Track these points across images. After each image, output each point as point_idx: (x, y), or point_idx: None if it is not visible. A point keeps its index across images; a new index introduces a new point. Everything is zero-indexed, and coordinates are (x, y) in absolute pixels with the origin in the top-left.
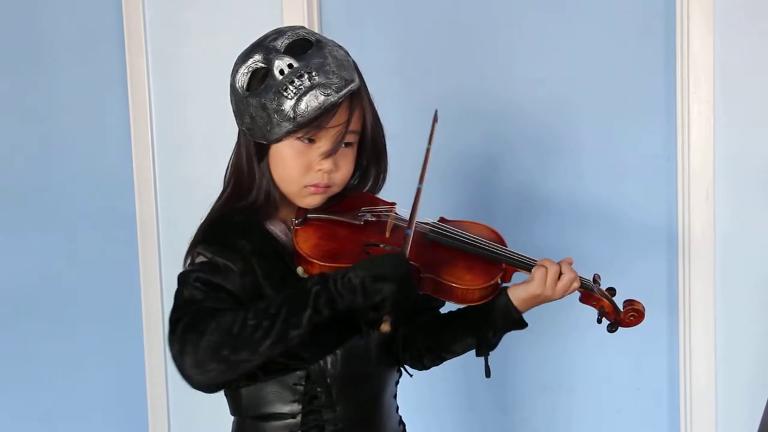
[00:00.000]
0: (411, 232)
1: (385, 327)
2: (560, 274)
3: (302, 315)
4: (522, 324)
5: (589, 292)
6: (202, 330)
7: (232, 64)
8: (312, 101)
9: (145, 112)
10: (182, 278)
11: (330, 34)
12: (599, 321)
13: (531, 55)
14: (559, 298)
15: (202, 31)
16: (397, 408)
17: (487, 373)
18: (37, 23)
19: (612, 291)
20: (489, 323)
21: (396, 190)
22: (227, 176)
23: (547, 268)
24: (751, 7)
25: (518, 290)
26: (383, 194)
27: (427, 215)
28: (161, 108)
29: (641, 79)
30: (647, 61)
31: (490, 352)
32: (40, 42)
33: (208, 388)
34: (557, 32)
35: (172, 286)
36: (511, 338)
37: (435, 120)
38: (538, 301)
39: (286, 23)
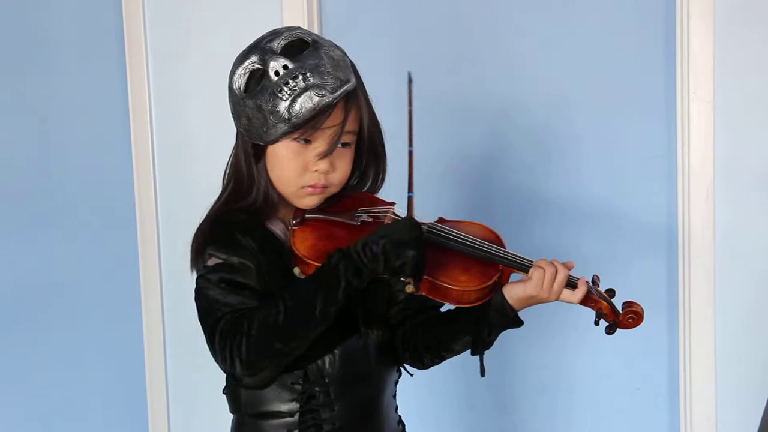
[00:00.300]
0: (413, 195)
1: (410, 288)
2: (557, 275)
3: (338, 290)
4: (518, 323)
5: (588, 294)
6: (245, 331)
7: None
8: (306, 102)
9: (145, 112)
10: (203, 281)
11: (329, 34)
12: (597, 323)
13: (531, 54)
14: (555, 300)
15: (202, 31)
16: (397, 408)
17: (482, 373)
18: (37, 23)
19: (611, 292)
20: (484, 322)
21: (396, 191)
22: (226, 177)
23: (544, 270)
24: (751, 8)
25: (514, 289)
26: (384, 194)
27: (425, 215)
28: (161, 108)
29: (641, 79)
30: (647, 61)
31: (486, 351)
32: (40, 42)
33: (265, 383)
34: (557, 32)
35: (172, 286)
36: (510, 338)
37: (410, 81)
38: (534, 301)
39: (286, 23)
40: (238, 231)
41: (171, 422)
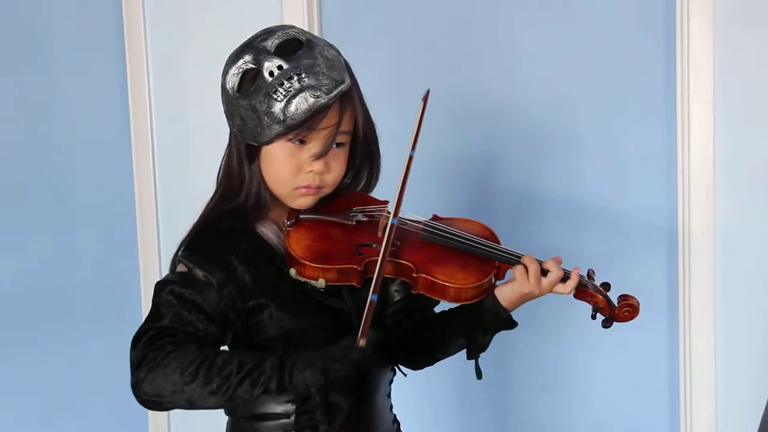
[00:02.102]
0: (375, 298)
1: None
2: (545, 271)
3: (251, 390)
4: (511, 324)
5: (583, 288)
6: (160, 356)
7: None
8: (301, 103)
9: (145, 112)
10: (158, 286)
11: (329, 34)
12: (593, 317)
13: (531, 54)
14: (548, 292)
15: (202, 30)
16: (391, 407)
17: (479, 375)
18: (37, 23)
19: (606, 286)
20: (478, 325)
21: (396, 189)
22: (219, 177)
23: (526, 266)
24: (751, 8)
25: (504, 290)
26: (378, 193)
27: (421, 214)
28: (161, 108)
29: (641, 79)
30: (647, 61)
31: (481, 354)
32: (41, 42)
33: (151, 407)
34: (557, 32)
35: None
36: (509, 338)
37: (425, 99)
38: (525, 298)
39: (286, 23)
40: (221, 241)
41: (171, 422)
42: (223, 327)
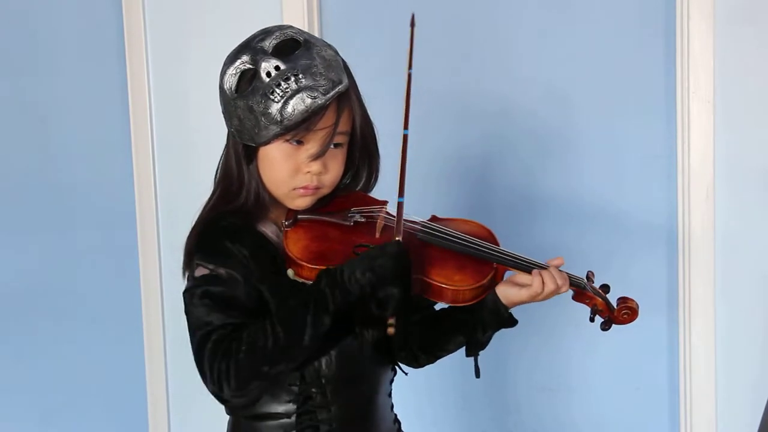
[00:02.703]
0: (403, 200)
1: (391, 330)
2: (559, 291)
3: (326, 315)
4: (512, 322)
5: (582, 290)
6: (233, 354)
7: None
8: (299, 104)
9: (145, 112)
10: (188, 296)
11: (329, 34)
12: (592, 319)
13: (531, 54)
14: None
15: (202, 31)
16: (392, 406)
17: (477, 374)
18: (38, 23)
19: (605, 288)
20: (478, 322)
21: (393, 189)
22: (217, 178)
23: (544, 287)
24: (751, 8)
25: (509, 291)
26: (378, 192)
27: (420, 214)
28: (161, 108)
29: (641, 79)
30: (647, 61)
31: (481, 353)
32: (41, 42)
33: (252, 402)
34: (557, 32)
35: (172, 286)
36: (509, 338)
37: (412, 25)
38: (527, 302)
39: (286, 23)
40: (227, 238)
41: (171, 423)
42: (262, 315)
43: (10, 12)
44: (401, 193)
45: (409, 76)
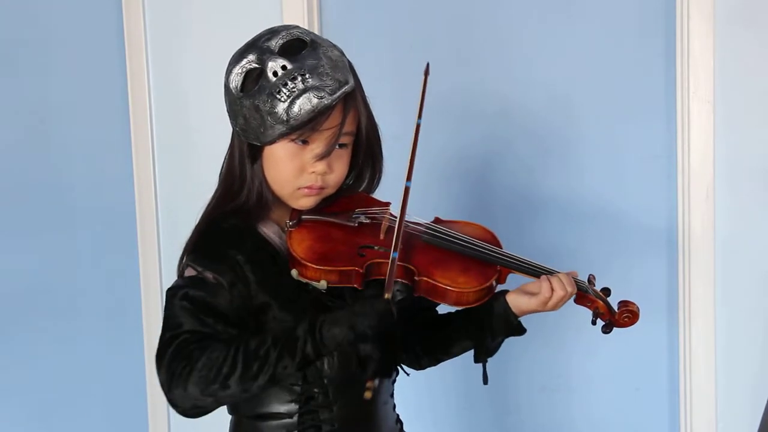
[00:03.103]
0: (396, 256)
1: (368, 394)
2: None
3: (292, 361)
4: (521, 330)
5: (584, 293)
6: (192, 363)
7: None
8: (305, 104)
9: (145, 112)
10: (170, 294)
11: (329, 34)
12: (594, 322)
13: (531, 54)
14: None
15: (202, 31)
16: (394, 407)
17: (485, 380)
18: (37, 23)
19: (607, 291)
20: (487, 329)
21: (395, 191)
22: (221, 176)
23: (554, 292)
24: (751, 8)
25: (519, 300)
26: (380, 194)
27: (422, 215)
28: (161, 108)
29: (641, 79)
30: (647, 61)
31: (489, 359)
32: (40, 42)
33: (195, 416)
34: (557, 32)
35: None
36: (510, 338)
37: (426, 73)
38: (536, 311)
39: (286, 23)
40: (225, 241)
41: (171, 422)
42: (239, 327)
43: (9, 12)
44: (395, 248)
45: (418, 126)
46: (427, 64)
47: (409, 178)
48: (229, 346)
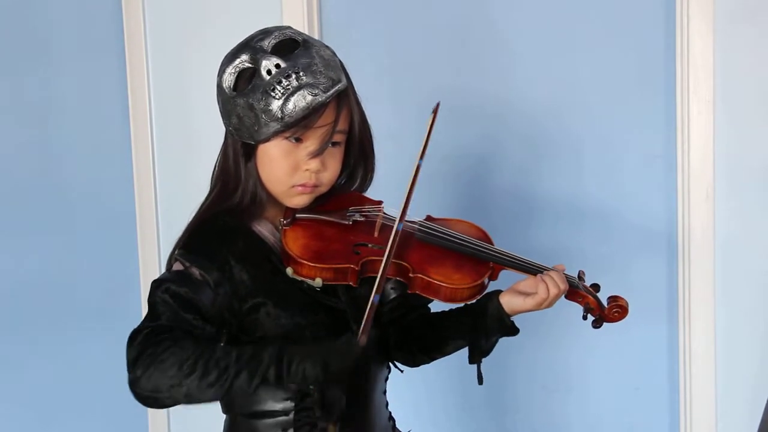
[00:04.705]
0: (378, 298)
1: None
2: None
3: (249, 381)
4: (514, 330)
5: (574, 289)
6: (158, 353)
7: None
8: (300, 101)
9: (145, 112)
10: (155, 285)
11: (329, 34)
12: (584, 317)
13: (530, 54)
14: None
15: (202, 31)
16: (387, 404)
17: (480, 380)
18: (38, 23)
19: (596, 287)
20: (481, 329)
21: (392, 190)
22: (214, 176)
23: (549, 293)
24: (751, 7)
25: (514, 301)
26: (373, 193)
27: (415, 213)
28: (161, 108)
29: (641, 79)
30: (647, 61)
31: (483, 359)
32: (41, 42)
33: (151, 405)
34: (556, 32)
35: None
36: (509, 338)
37: (435, 112)
38: (530, 311)
39: (286, 23)
40: (217, 239)
41: (171, 422)
42: (218, 326)
43: (9, 12)
44: (378, 289)
45: (419, 166)
46: (437, 103)
47: (401, 220)
48: (197, 348)
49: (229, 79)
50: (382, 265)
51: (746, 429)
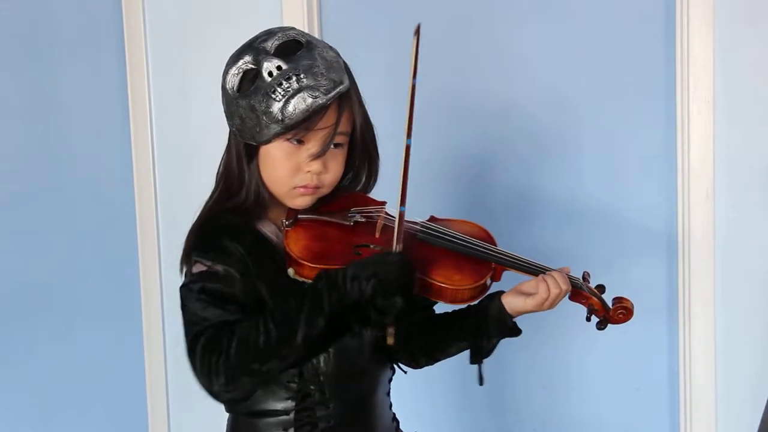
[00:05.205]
0: (404, 209)
1: (390, 340)
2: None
3: (320, 316)
4: (516, 331)
5: (578, 291)
6: (225, 349)
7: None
8: (300, 103)
9: (145, 112)
10: (185, 291)
11: (329, 34)
12: (588, 319)
13: (530, 54)
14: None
15: (202, 31)
16: (390, 405)
17: (481, 382)
18: (38, 23)
19: (601, 288)
20: (483, 331)
21: (394, 190)
22: (218, 176)
23: (549, 293)
24: (751, 8)
25: (514, 301)
26: (374, 192)
27: (418, 214)
28: (161, 108)
29: (641, 79)
30: (647, 61)
31: (485, 360)
32: (41, 42)
33: (241, 400)
34: (556, 31)
35: (172, 286)
36: (510, 338)
37: (417, 33)
38: (532, 311)
39: (286, 23)
40: (226, 235)
41: (171, 422)
42: (258, 311)
43: (9, 12)
44: (403, 202)
45: (413, 86)
46: (418, 25)
47: (409, 136)
48: (256, 322)
49: (232, 80)
50: (401, 169)
51: (746, 429)
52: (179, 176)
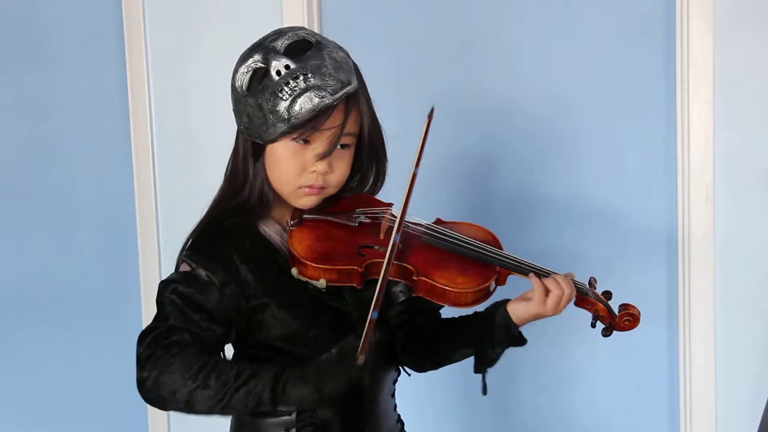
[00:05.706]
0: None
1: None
2: (564, 296)
3: (247, 399)
4: (521, 341)
5: (584, 296)
6: (167, 357)
7: (234, 64)
8: (306, 103)
9: (145, 112)
10: (162, 286)
11: (329, 34)
12: (593, 325)
13: (531, 54)
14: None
15: (202, 31)
16: (395, 406)
17: (484, 391)
18: (38, 23)
19: (608, 294)
20: (488, 339)
21: (398, 190)
22: (226, 174)
23: (550, 292)
24: (751, 7)
25: (518, 309)
26: (383, 194)
27: (423, 215)
28: (161, 108)
29: (641, 79)
30: (647, 61)
31: (489, 369)
32: (41, 42)
33: (153, 403)
34: (557, 32)
35: None
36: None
37: (430, 115)
38: (537, 318)
39: (286, 23)
40: (224, 239)
41: (171, 422)
42: (226, 326)
43: (9, 13)
44: (376, 306)
45: (414, 175)
46: (432, 108)
47: (398, 231)
48: (201, 359)
49: (241, 78)
50: (379, 282)
51: (746, 429)
52: (179, 176)
